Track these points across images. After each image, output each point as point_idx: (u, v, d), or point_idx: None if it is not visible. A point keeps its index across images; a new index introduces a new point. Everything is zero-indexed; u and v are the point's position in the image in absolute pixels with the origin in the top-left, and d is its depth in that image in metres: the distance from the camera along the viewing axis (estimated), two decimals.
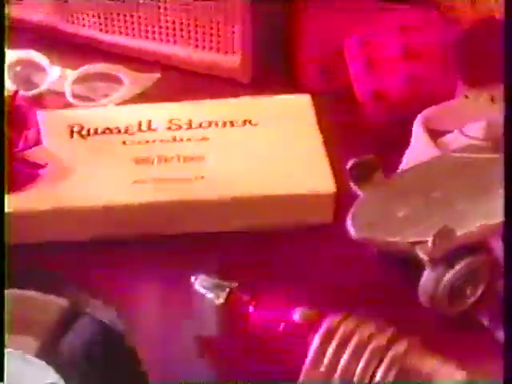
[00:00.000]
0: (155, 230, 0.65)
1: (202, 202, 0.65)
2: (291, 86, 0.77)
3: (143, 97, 0.77)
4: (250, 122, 0.71)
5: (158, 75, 0.79)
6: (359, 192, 0.63)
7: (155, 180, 0.66)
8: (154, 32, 0.81)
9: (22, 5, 0.83)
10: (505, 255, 0.53)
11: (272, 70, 0.80)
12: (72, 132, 0.70)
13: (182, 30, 0.80)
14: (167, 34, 0.81)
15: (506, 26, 0.58)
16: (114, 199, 0.65)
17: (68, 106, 0.76)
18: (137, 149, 0.69)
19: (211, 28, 0.79)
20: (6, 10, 0.74)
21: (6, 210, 0.59)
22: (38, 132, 0.69)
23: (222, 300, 0.58)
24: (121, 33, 0.82)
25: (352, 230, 0.59)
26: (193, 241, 0.64)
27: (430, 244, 0.56)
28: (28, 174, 0.66)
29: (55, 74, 0.78)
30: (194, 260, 0.63)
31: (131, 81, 0.78)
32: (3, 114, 0.62)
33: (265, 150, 0.69)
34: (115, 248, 0.63)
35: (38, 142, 0.68)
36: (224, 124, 0.71)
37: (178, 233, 0.65)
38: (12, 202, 0.62)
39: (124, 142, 0.69)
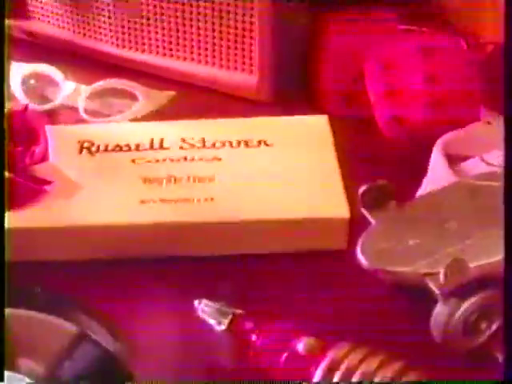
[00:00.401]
0: (160, 251, 0.63)
1: (210, 225, 0.63)
2: (311, 106, 0.75)
3: (158, 114, 0.76)
4: (265, 142, 0.70)
5: (173, 93, 0.77)
6: (370, 219, 0.60)
7: (162, 200, 0.64)
8: (171, 49, 0.80)
9: (37, 18, 0.82)
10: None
11: (292, 91, 0.78)
12: (82, 148, 0.69)
13: (199, 47, 0.79)
14: (185, 52, 0.80)
15: (506, 28, 0.55)
16: (118, 219, 0.63)
17: (81, 121, 0.76)
18: (146, 167, 0.67)
19: (229, 47, 0.78)
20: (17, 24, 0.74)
21: (9, 226, 0.57)
22: (46, 147, 0.68)
23: (224, 326, 0.56)
24: (137, 49, 0.82)
25: (362, 259, 0.57)
26: (198, 264, 0.63)
27: (441, 276, 0.54)
28: (33, 190, 0.64)
29: (69, 89, 0.77)
30: (198, 284, 0.61)
31: (146, 97, 0.77)
32: (3, 129, 0.61)
33: (278, 171, 0.67)
34: (118, 268, 0.62)
35: (45, 158, 0.67)
36: (238, 144, 0.69)
37: (183, 255, 0.63)
38: (16, 218, 0.61)
39: (133, 161, 0.68)
